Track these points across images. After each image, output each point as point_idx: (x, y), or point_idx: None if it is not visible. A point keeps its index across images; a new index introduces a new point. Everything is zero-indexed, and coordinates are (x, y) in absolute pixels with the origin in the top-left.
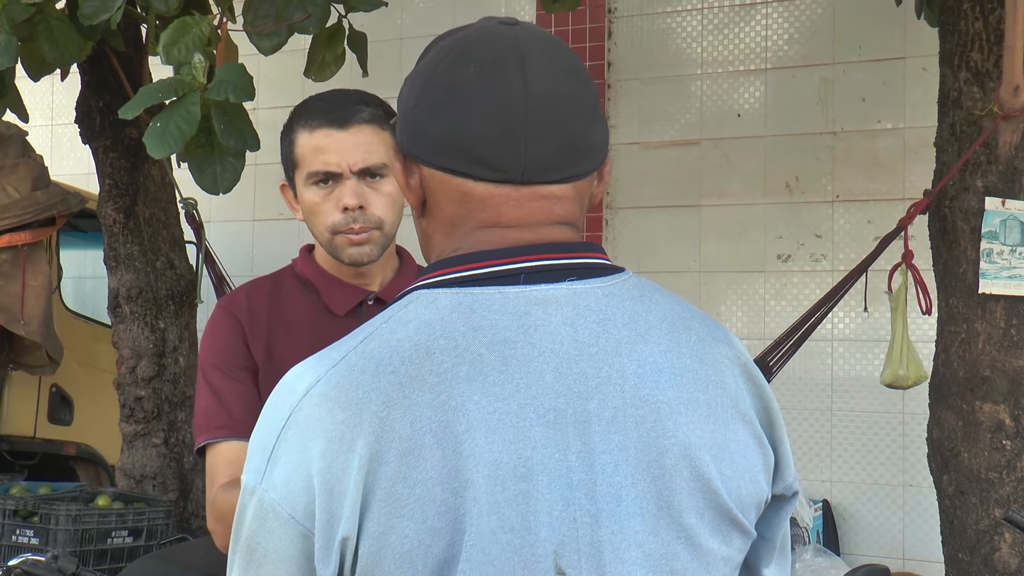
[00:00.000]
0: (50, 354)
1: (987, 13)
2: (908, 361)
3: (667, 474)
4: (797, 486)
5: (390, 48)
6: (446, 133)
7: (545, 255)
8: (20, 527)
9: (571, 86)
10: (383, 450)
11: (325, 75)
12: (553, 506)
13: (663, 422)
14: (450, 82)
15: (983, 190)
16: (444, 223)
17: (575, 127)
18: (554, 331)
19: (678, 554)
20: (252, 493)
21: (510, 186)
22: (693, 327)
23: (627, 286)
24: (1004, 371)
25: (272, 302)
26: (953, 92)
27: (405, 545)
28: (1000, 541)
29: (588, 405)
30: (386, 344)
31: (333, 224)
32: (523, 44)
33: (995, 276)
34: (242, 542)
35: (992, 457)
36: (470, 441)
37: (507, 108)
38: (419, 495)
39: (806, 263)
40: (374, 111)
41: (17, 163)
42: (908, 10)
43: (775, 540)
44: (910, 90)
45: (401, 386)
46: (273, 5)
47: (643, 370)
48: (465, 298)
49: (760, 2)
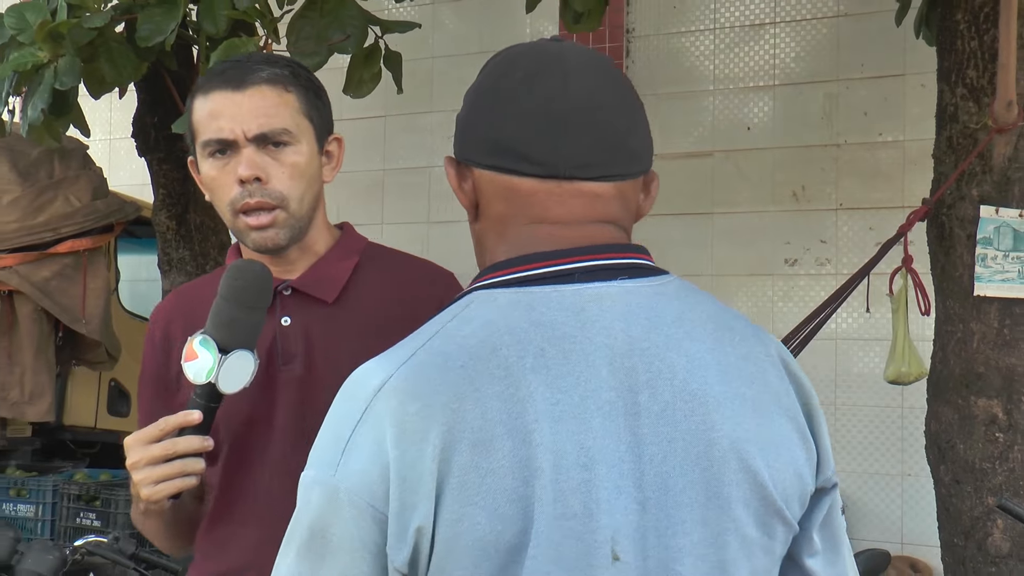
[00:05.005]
0: (109, 351)
1: (982, 33)
2: (910, 358)
3: (715, 465)
4: (836, 479)
5: (423, 66)
6: (493, 133)
7: (597, 255)
8: (83, 510)
9: (611, 93)
10: (455, 440)
11: (363, 92)
12: (609, 494)
13: (711, 416)
14: (497, 88)
15: (978, 199)
16: (495, 222)
17: (614, 128)
18: (608, 327)
19: (725, 543)
20: (319, 484)
21: (553, 181)
22: (735, 327)
23: (672, 287)
24: (998, 368)
25: (194, 305)
26: (950, 107)
27: (477, 532)
28: (992, 527)
29: (639, 398)
30: (452, 340)
31: (231, 200)
32: (566, 55)
33: (989, 279)
34: (310, 532)
35: (986, 449)
36: (539, 431)
37: (548, 107)
38: (490, 484)
39: (812, 267)
40: (277, 71)
41: (79, 175)
42: (908, 30)
43: (811, 530)
44: (909, 105)
45: (471, 379)
46: (315, 27)
47: (692, 366)
48: (524, 296)
49: (769, 23)
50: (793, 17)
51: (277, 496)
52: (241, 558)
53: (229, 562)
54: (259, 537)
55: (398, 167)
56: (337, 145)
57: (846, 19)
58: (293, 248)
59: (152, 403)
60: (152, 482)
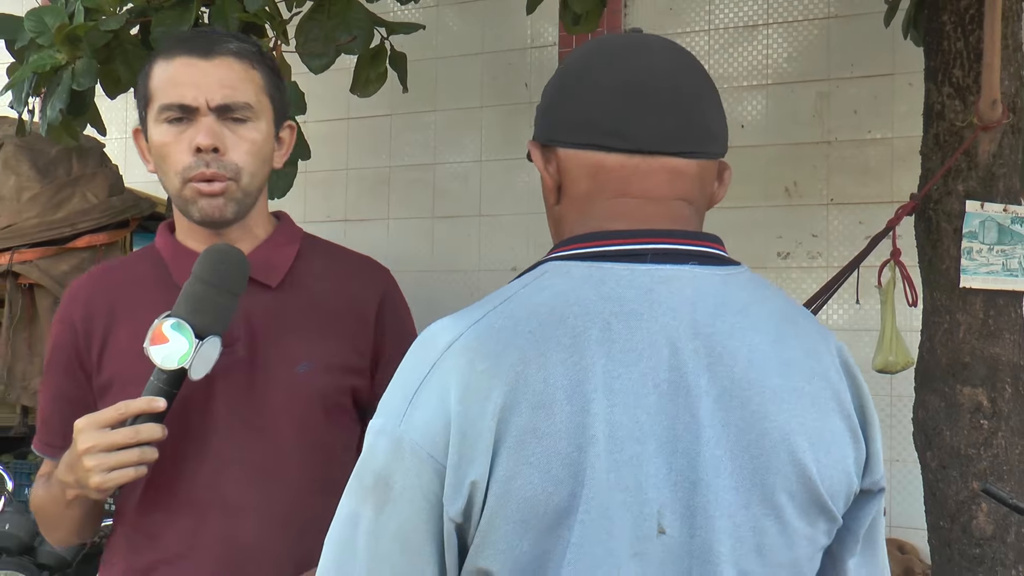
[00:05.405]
0: None
1: (967, 34)
2: (897, 348)
3: (764, 454)
4: (884, 483)
5: (427, 66)
6: (582, 111)
7: (671, 239)
8: None
9: (693, 75)
10: (516, 401)
11: (369, 91)
12: (659, 469)
13: (766, 406)
14: (586, 68)
15: (964, 194)
16: (578, 200)
17: (697, 108)
18: (675, 308)
19: (765, 529)
20: (385, 434)
21: (639, 156)
22: (800, 322)
23: (742, 278)
24: (983, 358)
25: (119, 286)
26: (937, 105)
27: (528, 491)
28: (977, 510)
29: (698, 381)
30: (524, 307)
31: (184, 168)
32: (649, 40)
33: (974, 272)
34: (373, 478)
35: (971, 435)
36: (596, 401)
37: (636, 84)
38: (546, 446)
39: (804, 260)
40: (246, 46)
41: (95, 172)
42: (896, 31)
43: (859, 532)
44: (898, 103)
45: (538, 344)
46: (322, 29)
47: (752, 355)
48: (596, 271)
49: (762, 24)
50: (785, 19)
51: (214, 483)
52: (174, 547)
53: (161, 552)
54: (193, 526)
55: (403, 164)
56: (289, 132)
57: (836, 20)
58: (235, 227)
59: (63, 386)
60: (106, 469)
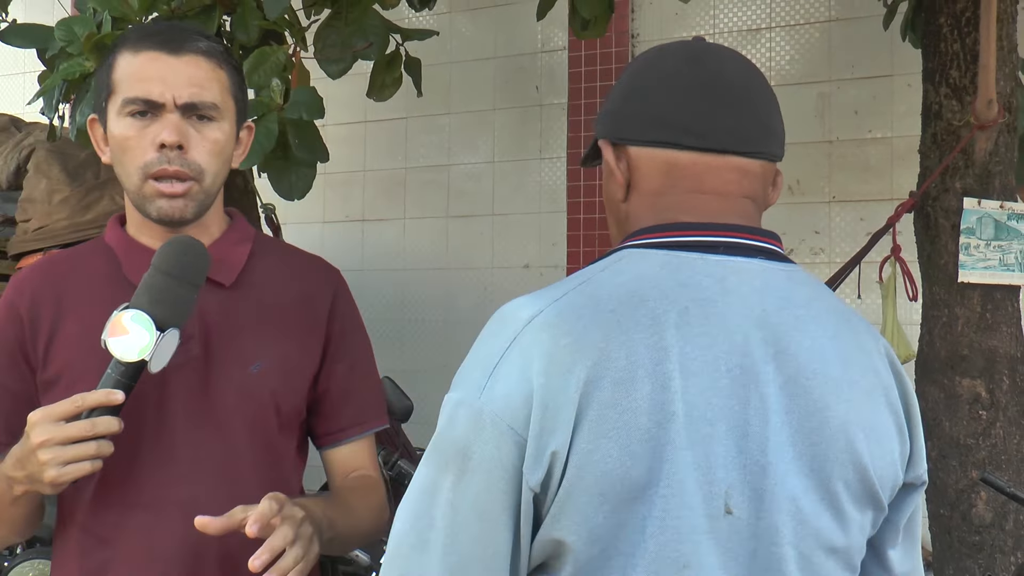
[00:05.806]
0: None
1: (964, 36)
2: (898, 342)
3: (824, 442)
4: (926, 477)
5: (441, 71)
6: (655, 110)
7: (741, 234)
8: None
9: (759, 80)
10: (599, 376)
11: (384, 96)
12: (728, 451)
13: (827, 396)
14: (653, 71)
15: (961, 191)
16: (650, 195)
17: (764, 110)
18: (746, 297)
19: (820, 514)
20: (465, 405)
21: (711, 154)
22: (852, 320)
23: (802, 275)
24: (981, 350)
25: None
26: (934, 105)
27: (607, 465)
28: (976, 499)
29: (767, 368)
30: (603, 287)
31: (145, 164)
32: (713, 47)
33: (972, 267)
34: (453, 448)
35: (970, 426)
36: (675, 380)
37: (709, 84)
38: (626, 421)
39: (807, 256)
40: (214, 45)
41: None
42: (894, 34)
43: (900, 523)
44: (897, 104)
45: (619, 323)
46: (340, 35)
47: (814, 347)
48: (673, 259)
49: (765, 27)
50: (788, 22)
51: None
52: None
53: (115, 551)
54: (150, 523)
55: (418, 165)
56: (247, 133)
57: (837, 24)
58: (192, 225)
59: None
60: (62, 463)
